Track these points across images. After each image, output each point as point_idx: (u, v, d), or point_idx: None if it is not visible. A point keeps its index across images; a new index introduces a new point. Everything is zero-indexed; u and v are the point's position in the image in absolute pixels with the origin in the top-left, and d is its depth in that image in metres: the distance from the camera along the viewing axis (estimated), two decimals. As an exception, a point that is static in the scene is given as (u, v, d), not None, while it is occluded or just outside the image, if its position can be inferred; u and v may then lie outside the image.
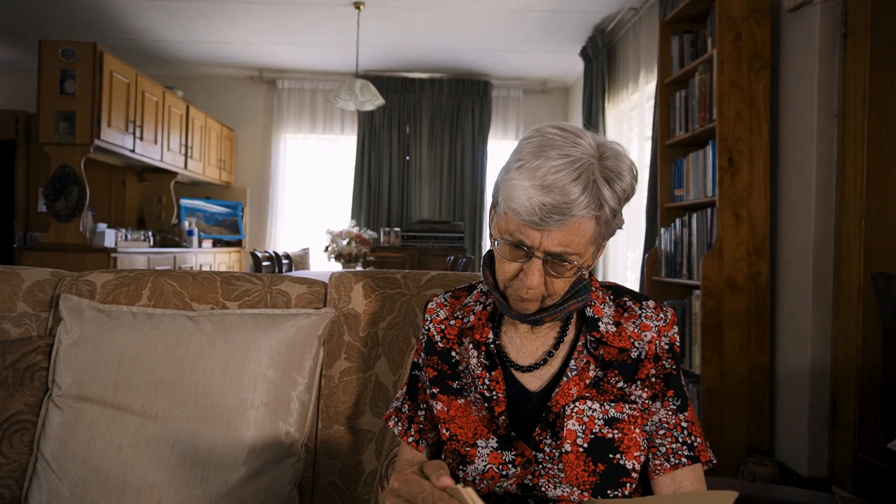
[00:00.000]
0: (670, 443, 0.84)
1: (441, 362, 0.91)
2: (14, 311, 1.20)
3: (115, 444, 1.02)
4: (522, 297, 0.80)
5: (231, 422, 1.03)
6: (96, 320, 1.12)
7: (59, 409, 1.06)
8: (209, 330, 1.09)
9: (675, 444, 0.84)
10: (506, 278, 0.82)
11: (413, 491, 0.70)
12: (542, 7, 4.44)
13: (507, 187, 0.78)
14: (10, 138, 5.74)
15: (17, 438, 1.05)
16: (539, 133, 0.80)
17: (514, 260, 0.79)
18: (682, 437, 0.84)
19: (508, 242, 0.79)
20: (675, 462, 0.84)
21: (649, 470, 0.85)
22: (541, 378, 0.86)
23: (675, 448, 0.84)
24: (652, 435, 0.85)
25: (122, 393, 1.05)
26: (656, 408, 0.85)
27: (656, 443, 0.85)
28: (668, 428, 0.85)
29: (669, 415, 0.85)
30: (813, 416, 2.39)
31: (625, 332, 0.86)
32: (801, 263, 2.47)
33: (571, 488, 0.81)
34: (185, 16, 4.83)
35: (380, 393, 1.16)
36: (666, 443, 0.84)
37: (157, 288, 1.21)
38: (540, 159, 0.76)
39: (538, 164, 0.75)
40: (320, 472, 1.13)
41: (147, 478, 0.99)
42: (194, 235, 5.22)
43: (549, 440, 0.82)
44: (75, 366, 1.08)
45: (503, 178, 0.80)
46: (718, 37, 2.58)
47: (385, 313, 1.19)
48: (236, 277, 1.23)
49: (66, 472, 1.01)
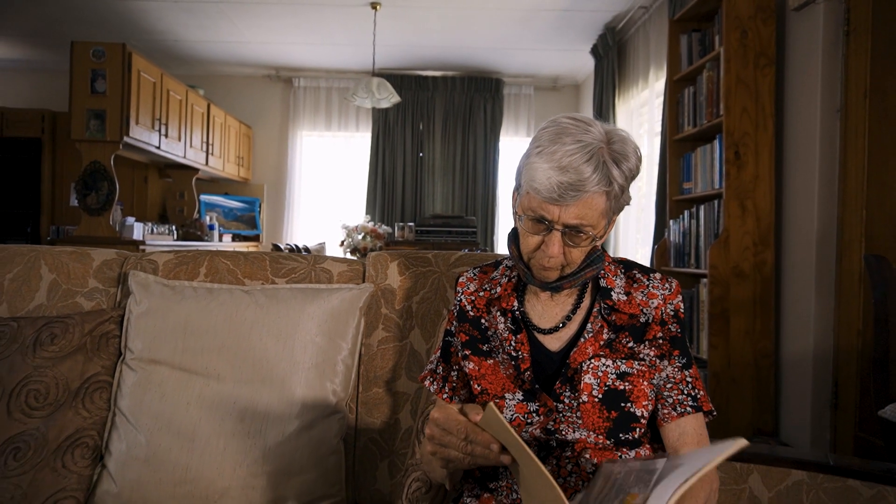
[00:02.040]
0: (676, 395, 0.97)
1: (472, 328, 1.03)
2: (86, 287, 1.35)
3: (183, 401, 1.15)
4: (544, 265, 0.93)
5: (285, 381, 1.17)
6: (162, 293, 1.25)
7: (133, 370, 1.20)
8: (263, 302, 1.23)
9: (681, 396, 0.96)
10: (529, 250, 0.94)
11: (450, 420, 0.83)
12: (553, 6, 4.55)
13: (529, 170, 0.90)
14: (36, 136, 5.93)
15: (96, 396, 1.19)
16: (555, 123, 0.92)
17: (537, 233, 0.92)
18: (686, 390, 0.97)
19: (531, 218, 0.91)
20: (680, 411, 0.96)
21: (658, 418, 0.97)
22: (560, 339, 0.99)
23: (681, 399, 0.96)
24: (660, 388, 0.97)
25: (188, 357, 1.19)
26: (664, 365, 0.97)
27: (664, 395, 0.97)
28: (675, 382, 0.97)
29: (676, 371, 0.97)
30: (816, 399, 2.49)
31: (634, 300, 0.98)
32: (804, 252, 2.57)
33: (588, 432, 0.93)
34: (206, 16, 4.98)
35: (414, 359, 1.29)
36: (673, 395, 0.97)
37: (212, 266, 1.34)
38: (556, 145, 0.88)
39: (555, 149, 0.88)
40: (361, 429, 1.26)
41: (213, 429, 1.13)
42: (215, 230, 5.38)
43: (568, 392, 0.94)
44: (145, 333, 1.22)
45: (525, 162, 0.93)
46: (725, 35, 2.68)
47: (418, 289, 1.32)
48: (283, 257, 1.36)
49: (142, 423, 1.15)
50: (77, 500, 1.11)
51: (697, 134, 3.02)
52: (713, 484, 0.93)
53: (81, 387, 1.19)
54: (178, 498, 1.10)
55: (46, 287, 1.34)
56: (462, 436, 0.82)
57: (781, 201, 2.72)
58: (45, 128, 5.94)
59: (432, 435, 0.85)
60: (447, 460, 0.85)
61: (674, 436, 0.96)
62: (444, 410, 0.85)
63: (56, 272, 1.36)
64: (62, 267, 1.36)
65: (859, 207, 2.39)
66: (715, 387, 2.67)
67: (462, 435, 0.82)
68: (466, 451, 0.82)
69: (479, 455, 0.81)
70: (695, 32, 3.13)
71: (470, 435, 0.81)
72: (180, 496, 1.11)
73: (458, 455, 0.83)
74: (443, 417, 0.84)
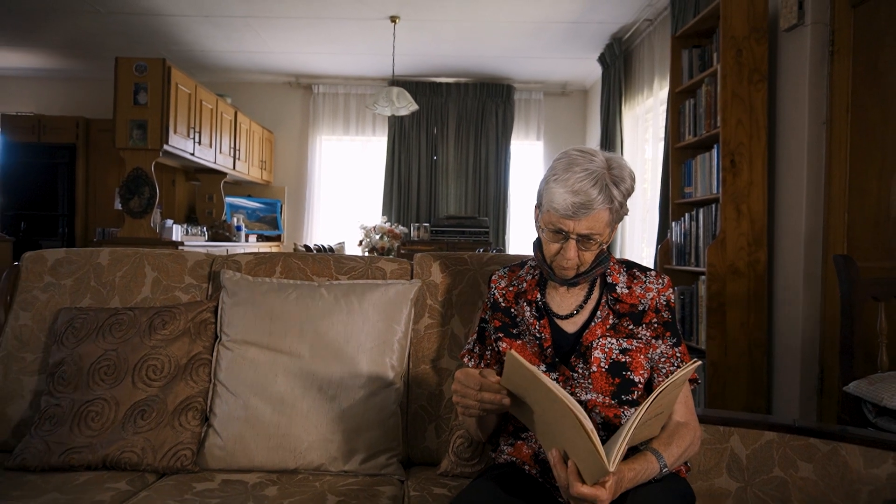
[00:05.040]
0: (669, 367, 1.24)
1: (504, 316, 1.31)
2: (183, 283, 1.63)
3: (272, 374, 1.44)
4: (563, 266, 1.20)
5: (353, 358, 1.45)
6: (249, 287, 1.54)
7: (229, 350, 1.49)
8: (332, 294, 1.51)
9: (672, 367, 1.24)
10: (551, 254, 1.22)
11: (469, 377, 1.10)
12: (562, 18, 4.81)
13: (548, 193, 1.18)
14: (71, 142, 6.26)
15: (200, 370, 1.48)
16: (566, 155, 1.20)
17: (557, 241, 1.19)
18: (676, 363, 1.24)
19: (552, 230, 1.19)
20: None
21: (654, 385, 1.25)
22: (575, 324, 1.26)
23: (672, 370, 1.23)
24: (656, 362, 1.24)
25: (274, 339, 1.47)
26: (658, 344, 1.24)
27: (659, 367, 1.24)
28: (668, 357, 1.24)
29: (668, 348, 1.24)
30: (804, 385, 2.75)
31: (634, 292, 1.26)
32: (794, 252, 2.82)
33: (597, 395, 1.20)
34: (233, 29, 5.27)
35: (454, 342, 1.57)
36: (666, 367, 1.24)
37: (286, 265, 1.63)
38: (568, 173, 1.16)
39: (567, 176, 1.15)
40: (412, 399, 1.54)
41: (297, 396, 1.41)
42: (242, 230, 5.68)
43: (581, 364, 1.21)
44: (238, 320, 1.50)
45: (544, 187, 1.20)
46: (722, 53, 2.94)
47: (456, 284, 1.60)
48: (344, 258, 1.64)
49: (239, 391, 1.43)
50: (192, 450, 1.40)
51: (697, 143, 3.27)
52: (696, 432, 1.20)
53: (188, 363, 1.48)
54: (271, 449, 1.39)
55: (150, 283, 1.63)
56: (476, 387, 1.08)
57: (773, 205, 2.97)
58: (79, 133, 6.26)
59: (455, 389, 1.12)
60: (466, 408, 1.11)
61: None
62: (465, 370, 1.13)
63: (157, 271, 1.64)
64: (162, 266, 1.65)
65: (842, 211, 2.64)
66: (713, 374, 2.93)
67: (476, 387, 1.09)
68: (478, 399, 1.08)
69: (488, 401, 1.08)
70: (695, 48, 3.38)
71: (483, 386, 1.08)
72: (273, 448, 1.39)
73: (473, 403, 1.09)
74: (462, 374, 1.11)
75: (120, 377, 1.43)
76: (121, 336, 1.48)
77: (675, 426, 1.17)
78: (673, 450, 1.11)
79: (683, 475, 1.24)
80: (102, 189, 6.29)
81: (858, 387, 1.64)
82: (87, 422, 1.38)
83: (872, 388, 1.60)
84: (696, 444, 1.20)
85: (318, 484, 1.34)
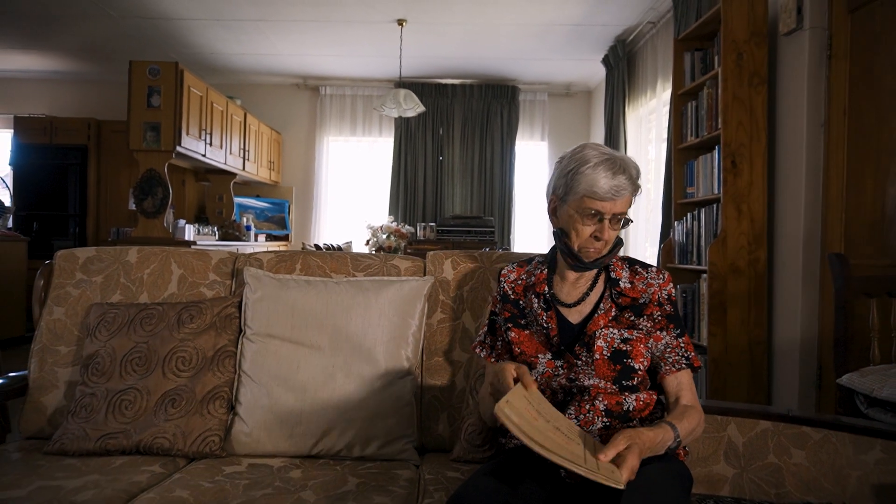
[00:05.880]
0: (674, 356, 1.32)
1: (513, 308, 1.39)
2: (207, 279, 1.72)
3: (294, 364, 1.53)
4: (593, 247, 1.28)
5: (371, 350, 1.53)
6: (271, 283, 1.62)
7: (252, 342, 1.57)
8: (350, 290, 1.59)
9: (677, 357, 1.32)
10: (584, 238, 1.28)
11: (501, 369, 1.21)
12: (567, 21, 4.89)
13: (585, 181, 1.25)
14: (83, 143, 6.37)
15: (226, 362, 1.57)
16: (588, 148, 1.29)
17: (592, 224, 1.27)
18: (681, 353, 1.32)
19: (587, 214, 1.26)
20: (677, 367, 1.31)
21: (661, 373, 1.32)
22: (580, 314, 1.35)
23: (678, 359, 1.31)
24: (663, 352, 1.32)
25: (296, 332, 1.56)
26: (663, 335, 1.32)
27: (665, 356, 1.32)
28: (672, 347, 1.32)
29: (672, 339, 1.32)
30: (802, 380, 2.82)
31: (636, 287, 1.34)
32: (793, 251, 2.90)
33: (599, 380, 1.28)
34: (243, 32, 5.36)
35: (465, 335, 1.65)
36: (671, 356, 1.32)
37: (305, 263, 1.71)
38: (602, 163, 1.25)
39: (604, 165, 1.25)
40: (426, 388, 1.63)
41: (318, 385, 1.50)
42: (251, 230, 5.78)
43: (585, 352, 1.30)
44: (261, 314, 1.59)
45: (573, 178, 1.27)
46: (723, 57, 3.01)
47: (467, 280, 1.68)
48: (361, 256, 1.73)
49: (264, 381, 1.52)
50: (219, 437, 1.49)
51: (699, 144, 3.35)
52: (701, 416, 1.29)
53: (215, 355, 1.56)
54: (294, 436, 1.48)
55: (177, 280, 1.72)
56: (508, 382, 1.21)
57: (773, 205, 3.05)
58: (90, 135, 6.37)
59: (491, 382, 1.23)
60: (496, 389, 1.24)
61: (673, 385, 1.32)
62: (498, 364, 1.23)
63: (183, 268, 1.73)
64: (188, 264, 1.74)
65: (839, 211, 2.71)
66: (714, 370, 3.01)
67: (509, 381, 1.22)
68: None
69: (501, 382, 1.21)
70: (697, 51, 3.46)
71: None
72: (296, 434, 1.48)
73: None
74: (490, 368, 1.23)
75: (151, 368, 1.52)
76: (150, 329, 1.57)
77: (683, 408, 1.27)
78: (685, 424, 1.23)
79: (682, 458, 1.32)
80: (114, 189, 6.40)
81: (851, 379, 1.72)
82: (122, 410, 1.47)
83: (864, 379, 1.68)
84: (701, 425, 1.30)
85: (338, 468, 1.42)
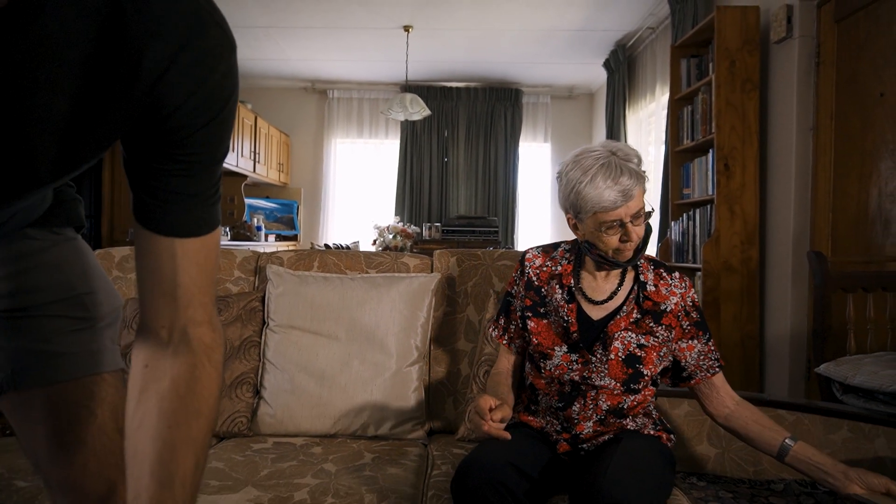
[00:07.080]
0: (708, 362, 1.35)
1: (535, 295, 1.39)
2: (233, 276, 1.88)
3: (314, 353, 1.68)
4: (626, 249, 1.27)
5: (383, 340, 1.68)
6: (292, 279, 1.77)
7: (275, 333, 1.72)
8: (364, 285, 1.74)
9: (710, 362, 1.35)
10: (612, 248, 1.27)
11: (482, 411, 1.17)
12: (569, 27, 5.03)
13: (589, 199, 1.23)
14: (98, 146, 6.54)
15: (251, 351, 1.72)
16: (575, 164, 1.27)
17: (616, 234, 1.26)
18: (713, 357, 1.36)
19: (608, 227, 1.24)
20: (712, 372, 1.35)
21: (697, 378, 1.34)
22: (603, 311, 1.35)
23: (710, 364, 1.35)
24: (696, 360, 1.34)
25: (315, 324, 1.71)
26: (694, 344, 1.34)
27: (700, 363, 1.34)
28: (705, 354, 1.35)
29: (703, 345, 1.35)
30: (793, 374, 2.96)
31: (660, 292, 1.34)
32: (783, 250, 3.03)
33: (610, 380, 1.31)
34: (253, 38, 5.52)
35: (469, 327, 1.80)
36: (705, 363, 1.35)
37: (322, 261, 1.86)
38: (597, 176, 1.22)
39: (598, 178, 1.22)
40: (433, 376, 1.77)
41: (336, 371, 1.65)
42: (262, 231, 5.93)
43: (601, 351, 1.31)
44: (283, 308, 1.74)
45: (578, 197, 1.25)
46: (717, 64, 3.15)
47: (471, 276, 1.83)
48: (373, 255, 1.88)
49: (285, 368, 1.67)
50: (246, 418, 1.64)
51: (695, 147, 3.49)
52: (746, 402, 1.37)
53: (241, 345, 1.72)
54: (314, 417, 1.63)
55: (204, 276, 1.87)
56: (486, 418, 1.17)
57: (765, 206, 3.18)
58: (105, 138, 6.53)
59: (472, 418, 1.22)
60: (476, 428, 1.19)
61: (706, 388, 1.37)
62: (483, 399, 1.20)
63: (210, 265, 1.88)
64: (215, 261, 1.89)
65: (826, 212, 2.85)
66: (708, 364, 3.14)
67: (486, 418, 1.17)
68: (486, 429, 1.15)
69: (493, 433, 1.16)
70: (693, 58, 3.59)
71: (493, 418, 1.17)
72: (315, 416, 1.63)
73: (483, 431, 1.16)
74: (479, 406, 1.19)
75: (183, 356, 1.67)
76: (182, 321, 1.72)
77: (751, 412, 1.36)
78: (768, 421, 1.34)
79: (665, 442, 1.35)
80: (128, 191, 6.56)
81: (827, 368, 1.85)
82: (158, 393, 1.63)
83: (839, 368, 1.81)
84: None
85: (355, 445, 1.57)
